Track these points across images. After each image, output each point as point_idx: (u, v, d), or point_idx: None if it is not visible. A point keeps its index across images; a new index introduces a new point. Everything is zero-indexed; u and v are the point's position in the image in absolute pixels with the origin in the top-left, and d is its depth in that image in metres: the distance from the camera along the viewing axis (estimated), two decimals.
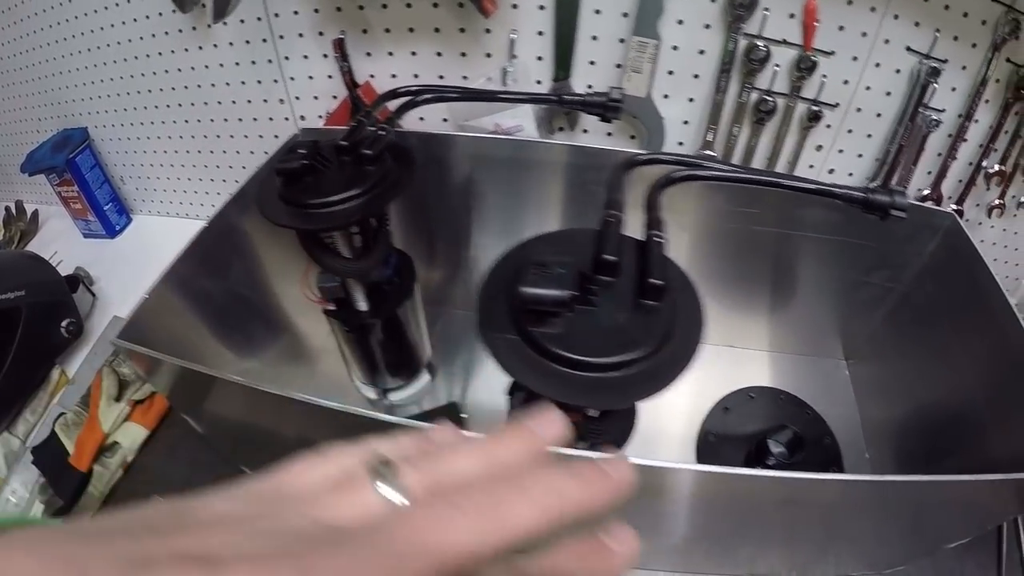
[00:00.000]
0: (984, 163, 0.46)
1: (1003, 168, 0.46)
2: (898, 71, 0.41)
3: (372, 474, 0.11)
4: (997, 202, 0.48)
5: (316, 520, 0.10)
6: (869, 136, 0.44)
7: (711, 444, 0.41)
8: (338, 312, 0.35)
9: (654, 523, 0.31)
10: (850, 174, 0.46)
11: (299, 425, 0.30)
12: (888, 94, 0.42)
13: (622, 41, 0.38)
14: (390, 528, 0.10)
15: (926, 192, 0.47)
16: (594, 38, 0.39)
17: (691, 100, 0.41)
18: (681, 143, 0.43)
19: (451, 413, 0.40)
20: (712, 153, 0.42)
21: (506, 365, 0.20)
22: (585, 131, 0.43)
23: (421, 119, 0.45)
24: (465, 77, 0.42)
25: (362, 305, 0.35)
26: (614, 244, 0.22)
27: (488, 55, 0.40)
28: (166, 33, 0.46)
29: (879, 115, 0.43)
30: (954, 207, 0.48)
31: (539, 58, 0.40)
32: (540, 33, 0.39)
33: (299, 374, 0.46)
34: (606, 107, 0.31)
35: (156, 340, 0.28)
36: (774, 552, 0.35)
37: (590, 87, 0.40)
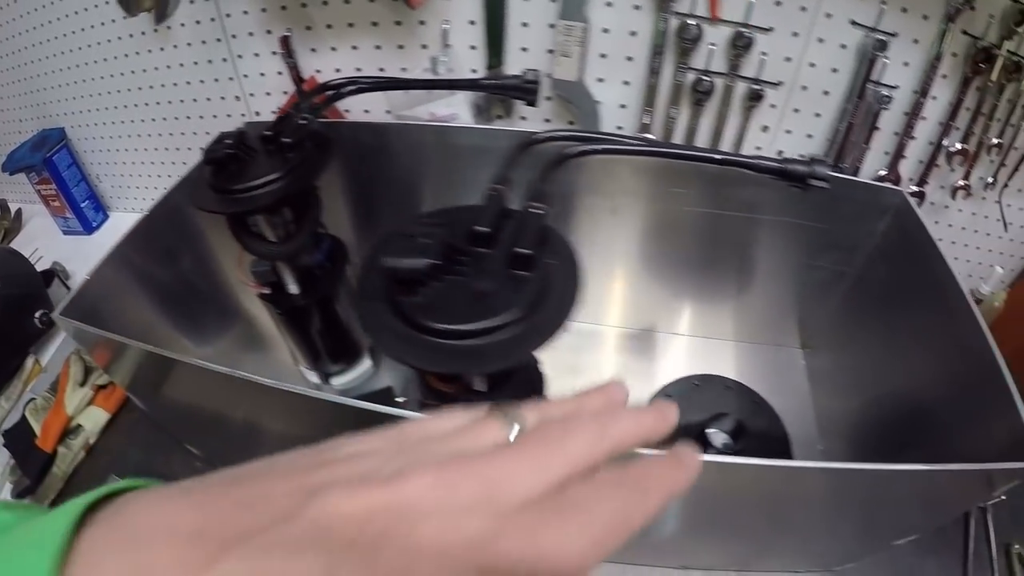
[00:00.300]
0: (945, 142, 0.45)
1: (965, 147, 0.45)
2: (844, 46, 0.41)
3: (493, 415, 0.13)
4: (961, 183, 0.47)
5: (454, 449, 0.12)
6: (818, 115, 0.44)
7: None
8: (271, 296, 0.38)
9: None
10: (800, 155, 0.46)
11: (246, 406, 0.32)
12: (835, 71, 0.42)
13: (552, 26, 0.39)
14: (525, 442, 0.12)
15: (882, 173, 0.46)
16: (524, 24, 0.40)
17: (627, 83, 0.42)
18: (620, 127, 0.44)
19: (387, 398, 0.42)
20: (650, 136, 0.43)
21: (371, 332, 0.22)
22: (523, 118, 0.44)
23: (366, 111, 0.47)
24: (404, 69, 0.44)
25: (293, 288, 0.37)
26: (489, 217, 0.23)
27: (424, 46, 0.43)
28: (131, 36, 0.50)
29: (827, 93, 0.43)
30: (915, 189, 0.47)
31: (472, 47, 0.42)
32: (472, 22, 0.41)
33: (251, 360, 0.48)
34: (521, 89, 0.33)
35: (106, 325, 0.29)
36: (712, 545, 0.35)
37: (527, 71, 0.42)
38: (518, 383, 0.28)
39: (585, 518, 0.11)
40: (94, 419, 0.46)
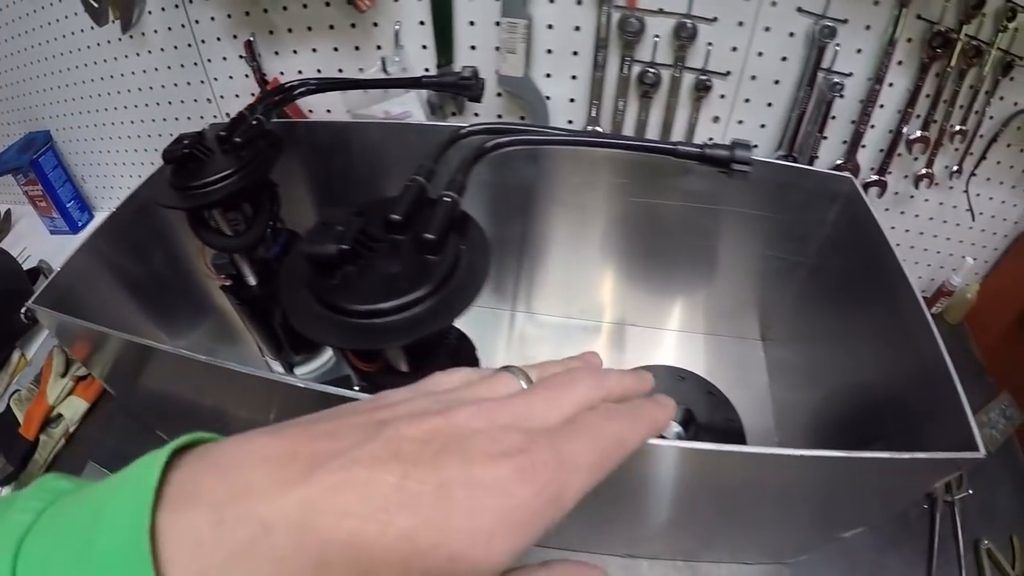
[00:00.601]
0: (904, 130, 0.46)
1: (926, 134, 0.46)
2: (792, 34, 0.42)
3: (504, 370, 0.16)
4: (924, 171, 0.48)
5: (478, 394, 0.15)
6: (770, 105, 0.45)
7: None
8: (231, 287, 0.41)
9: None
10: (755, 145, 0.47)
11: (216, 393, 0.34)
12: (784, 59, 0.43)
13: (497, 24, 0.42)
14: (536, 387, 0.15)
15: (839, 162, 0.47)
16: (471, 23, 0.42)
17: (574, 77, 0.44)
18: (571, 121, 0.46)
19: (347, 386, 0.45)
20: (599, 129, 0.45)
21: (291, 314, 0.24)
22: (476, 115, 0.47)
23: (328, 111, 0.50)
24: (361, 69, 0.46)
25: (251, 280, 0.40)
26: (404, 205, 0.25)
27: (379, 47, 0.45)
28: (108, 42, 0.53)
29: (777, 82, 0.44)
30: (875, 178, 0.48)
31: (424, 47, 0.44)
32: (422, 23, 0.43)
33: (223, 353, 0.51)
34: (459, 86, 0.35)
35: (83, 317, 0.31)
36: (658, 533, 0.35)
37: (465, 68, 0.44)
38: (442, 362, 0.30)
39: (594, 435, 0.14)
40: (74, 408, 0.50)
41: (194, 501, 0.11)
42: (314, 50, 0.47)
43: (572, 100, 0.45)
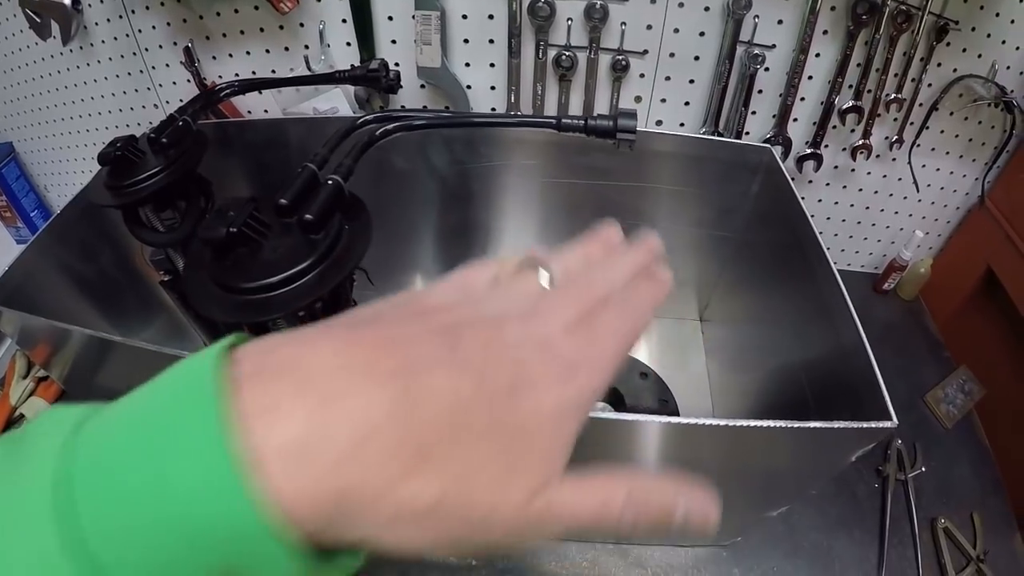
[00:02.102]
0: (836, 100, 0.50)
1: (858, 104, 0.49)
2: (707, 8, 0.46)
3: (530, 268, 0.18)
4: (860, 142, 0.51)
5: (511, 295, 0.17)
6: (692, 82, 0.50)
7: None
8: (169, 282, 0.48)
9: None
10: (681, 124, 0.52)
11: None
12: (702, 34, 0.47)
13: (414, 17, 0.48)
14: (559, 288, 0.17)
15: (769, 136, 0.51)
16: (390, 18, 0.48)
17: (492, 65, 0.49)
18: (493, 108, 0.51)
19: None
20: (519, 113, 0.50)
21: (190, 294, 0.30)
22: (403, 107, 0.53)
23: (265, 111, 0.57)
24: (292, 68, 0.53)
25: None
26: (293, 191, 0.31)
27: (307, 46, 0.52)
28: (61, 54, 0.62)
29: (697, 58, 0.48)
30: (810, 151, 0.52)
31: (348, 43, 0.50)
32: (344, 20, 0.49)
33: (179, 348, 0.59)
34: (367, 79, 0.41)
35: (28, 311, 0.36)
36: None
37: (396, 64, 0.50)
38: None
39: (612, 329, 0.16)
40: (35, 408, 0.57)
41: (281, 410, 0.11)
42: (248, 53, 0.54)
43: (493, 88, 0.50)
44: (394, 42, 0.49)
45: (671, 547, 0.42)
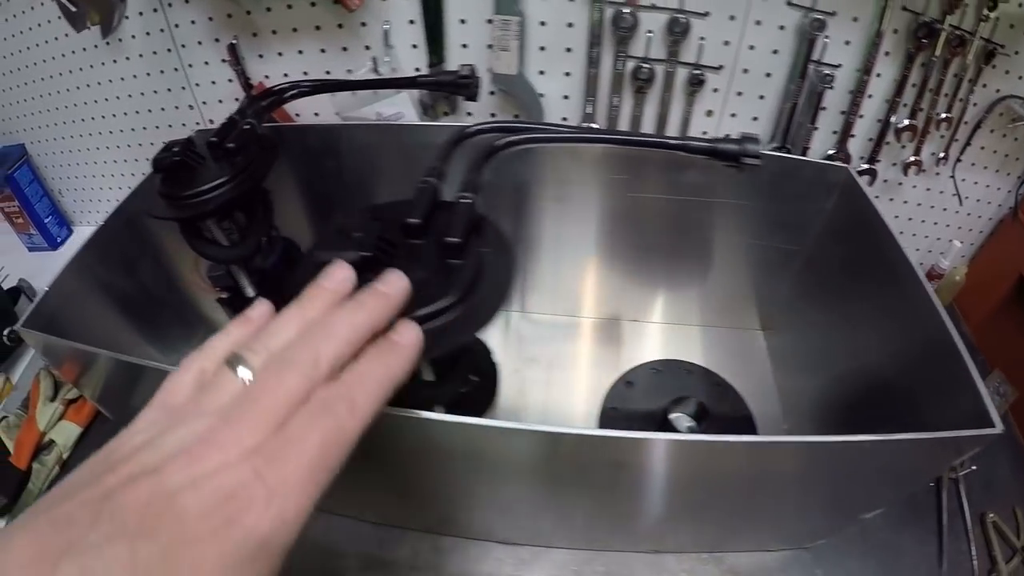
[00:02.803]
0: (892, 119, 0.48)
1: (913, 123, 0.47)
2: (782, 27, 0.43)
3: (228, 366, 0.17)
4: (913, 159, 0.49)
5: (203, 410, 0.16)
6: (762, 97, 0.46)
7: (613, 419, 0.44)
8: (228, 300, 0.40)
9: (552, 497, 0.31)
10: (727, 134, 0.48)
11: None
12: (775, 52, 0.44)
13: (489, 21, 0.42)
14: (251, 393, 0.16)
15: (831, 152, 0.49)
16: (462, 21, 0.42)
17: (567, 74, 0.44)
18: (565, 118, 0.46)
19: None
20: (595, 125, 0.45)
21: None
22: (469, 114, 0.47)
23: (316, 115, 0.50)
24: (349, 70, 0.46)
25: (249, 292, 0.40)
26: (421, 209, 0.25)
27: (367, 47, 0.45)
28: (84, 49, 0.52)
29: (768, 75, 0.45)
30: (865, 167, 0.50)
31: (414, 46, 0.44)
32: (412, 22, 0.43)
33: None
34: (457, 85, 0.35)
35: (71, 337, 0.31)
36: (680, 527, 0.36)
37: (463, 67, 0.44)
38: (466, 368, 0.30)
39: (300, 448, 0.14)
40: (66, 434, 0.49)
41: None
42: (300, 52, 0.47)
43: (566, 97, 0.45)
44: (465, 46, 0.43)
45: (761, 552, 0.40)
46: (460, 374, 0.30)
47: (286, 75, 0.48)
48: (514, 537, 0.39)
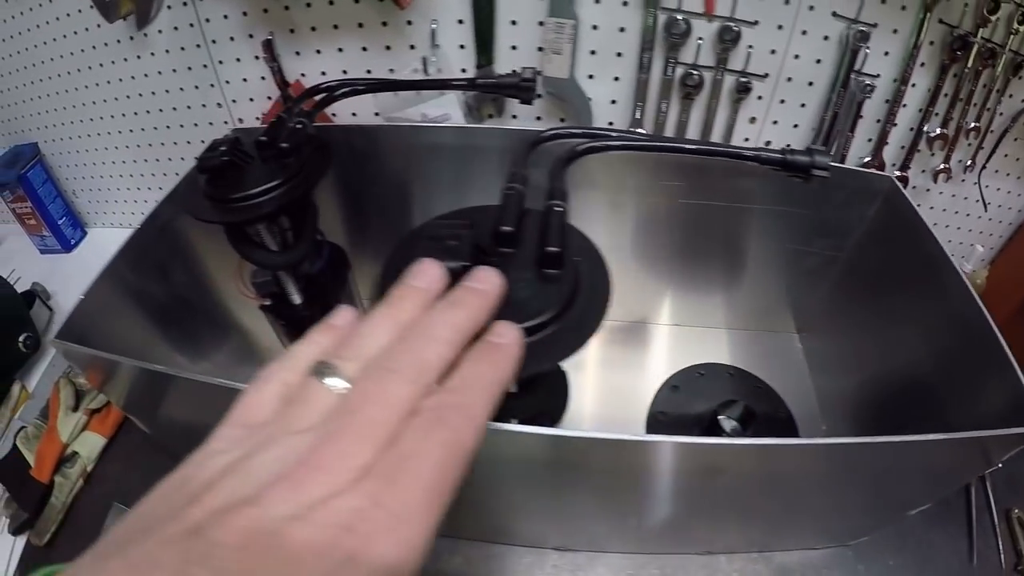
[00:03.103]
0: (925, 128, 0.47)
1: (944, 131, 0.47)
2: (826, 37, 0.42)
3: (316, 376, 0.14)
4: (942, 166, 0.49)
5: (295, 427, 0.13)
6: (803, 105, 0.45)
7: (661, 423, 0.43)
8: (273, 307, 0.38)
9: (605, 504, 0.31)
10: (787, 145, 0.47)
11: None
12: (818, 61, 0.43)
13: (541, 24, 0.40)
14: (351, 405, 0.13)
15: (867, 159, 0.48)
16: (513, 22, 0.40)
17: (616, 79, 0.42)
18: (611, 122, 0.45)
19: None
20: (641, 131, 0.44)
21: None
22: (514, 116, 0.45)
23: (353, 115, 0.47)
24: (392, 70, 0.43)
25: (296, 299, 0.37)
26: (512, 216, 0.23)
27: (412, 47, 0.42)
28: (105, 44, 0.48)
29: (811, 84, 0.44)
30: (898, 174, 0.49)
31: (461, 46, 0.42)
32: (460, 21, 0.41)
33: (248, 374, 0.48)
34: (519, 88, 0.33)
35: (101, 345, 0.29)
36: (731, 529, 0.36)
37: (513, 72, 0.42)
38: (546, 383, 0.28)
39: (416, 468, 0.12)
40: (90, 445, 0.45)
41: None
42: (340, 50, 0.44)
43: (613, 102, 0.44)
44: (514, 48, 0.41)
45: (807, 550, 0.39)
46: (540, 385, 0.28)
47: (323, 73, 0.45)
48: (569, 543, 0.38)
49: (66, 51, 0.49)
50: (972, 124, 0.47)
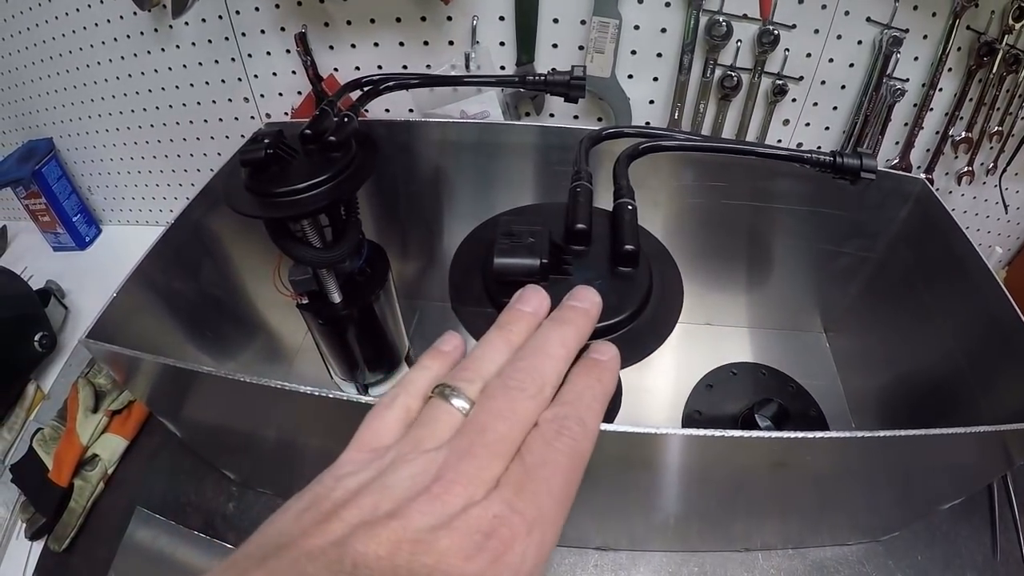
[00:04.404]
0: (951, 131, 0.47)
1: (969, 135, 0.48)
2: (860, 42, 0.42)
3: (441, 398, 0.15)
4: (966, 169, 0.50)
5: (425, 446, 0.13)
6: (835, 108, 0.45)
7: (697, 422, 0.42)
8: (311, 305, 0.36)
9: (646, 499, 0.31)
10: (818, 147, 0.47)
11: (281, 420, 0.31)
12: (851, 65, 0.43)
13: (583, 22, 0.39)
14: (478, 423, 0.14)
15: (895, 162, 0.48)
16: (555, 20, 0.39)
17: (655, 79, 0.42)
18: (648, 123, 0.44)
19: None
20: (688, 131, 0.43)
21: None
22: (551, 115, 0.44)
23: (387, 111, 0.45)
24: (428, 66, 0.42)
25: (336, 297, 0.36)
26: (585, 213, 0.22)
27: (451, 43, 0.41)
28: (127, 36, 0.46)
29: (843, 87, 0.44)
30: (924, 176, 0.50)
31: (502, 43, 0.41)
32: (501, 18, 0.39)
33: (276, 374, 0.46)
34: (570, 86, 0.32)
35: (128, 344, 0.28)
36: (768, 526, 0.36)
37: (554, 70, 0.41)
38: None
39: (545, 475, 0.13)
40: (111, 447, 0.43)
41: None
42: (376, 44, 0.42)
43: (652, 102, 0.43)
44: (555, 46, 0.40)
45: (840, 546, 0.40)
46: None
47: (357, 68, 0.44)
48: (611, 543, 0.37)
49: (85, 43, 0.47)
50: (996, 128, 0.47)
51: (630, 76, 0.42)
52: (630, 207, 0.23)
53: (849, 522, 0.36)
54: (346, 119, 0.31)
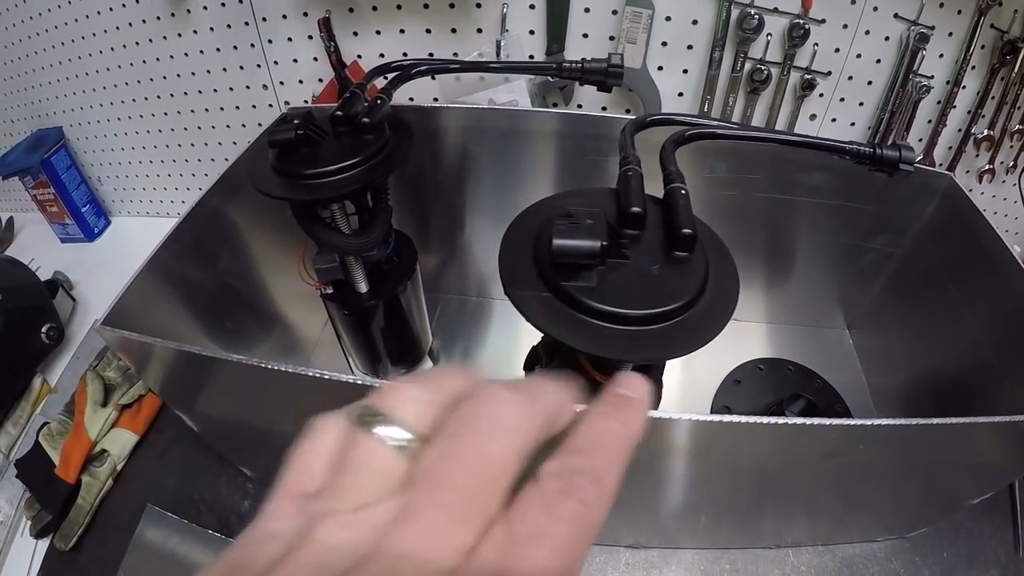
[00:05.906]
0: (973, 129, 0.47)
1: (991, 133, 0.47)
2: (887, 38, 0.41)
3: (364, 424, 0.11)
4: (987, 167, 0.49)
5: (362, 497, 0.10)
6: (861, 104, 0.44)
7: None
8: (336, 295, 0.34)
9: (679, 495, 0.30)
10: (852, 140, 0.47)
11: (302, 411, 0.29)
12: (878, 61, 0.42)
13: (615, 12, 0.38)
14: (437, 471, 0.10)
15: (918, 159, 0.47)
16: (587, 10, 0.38)
17: (685, 71, 0.41)
18: None
19: None
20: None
21: (540, 323, 0.19)
22: (580, 106, 0.43)
23: (411, 99, 0.44)
24: (456, 53, 0.41)
25: (362, 287, 0.34)
26: (639, 196, 0.21)
27: (479, 30, 0.40)
28: (143, 21, 0.44)
29: (870, 83, 0.43)
30: (947, 173, 0.49)
31: (531, 32, 0.39)
32: (532, 6, 0.38)
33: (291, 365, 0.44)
34: (607, 74, 0.31)
35: (142, 333, 0.26)
36: (798, 523, 0.35)
37: (583, 60, 0.40)
38: (657, 379, 0.26)
39: (540, 554, 0.09)
40: (121, 443, 0.41)
41: None
42: (402, 31, 0.41)
43: (681, 94, 0.42)
44: (585, 36, 0.39)
45: (869, 542, 0.39)
46: (657, 375, 0.26)
47: (382, 55, 0.42)
48: (642, 540, 0.36)
49: (98, 28, 0.45)
50: (1017, 126, 0.47)
51: (660, 68, 0.41)
52: (683, 191, 0.22)
53: (878, 518, 0.36)
54: (379, 101, 0.30)
